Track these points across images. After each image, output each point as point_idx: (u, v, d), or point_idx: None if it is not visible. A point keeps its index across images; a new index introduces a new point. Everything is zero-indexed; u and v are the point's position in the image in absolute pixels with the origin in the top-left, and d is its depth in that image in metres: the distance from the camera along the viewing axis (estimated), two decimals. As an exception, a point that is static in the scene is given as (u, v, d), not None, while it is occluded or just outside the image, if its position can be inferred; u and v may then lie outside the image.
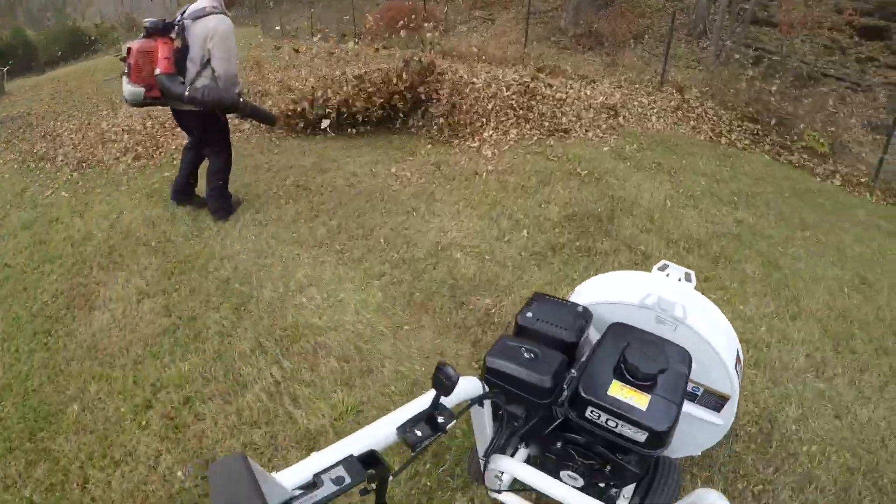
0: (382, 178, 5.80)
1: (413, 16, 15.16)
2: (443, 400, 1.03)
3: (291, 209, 5.14)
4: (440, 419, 1.02)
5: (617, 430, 1.30)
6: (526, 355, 1.39)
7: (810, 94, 9.12)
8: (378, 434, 0.96)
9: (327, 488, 0.80)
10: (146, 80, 4.06)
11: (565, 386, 1.44)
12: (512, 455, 1.63)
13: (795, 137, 7.79)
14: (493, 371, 1.38)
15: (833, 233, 5.44)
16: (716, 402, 1.61)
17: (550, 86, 7.86)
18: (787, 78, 9.34)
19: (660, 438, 1.27)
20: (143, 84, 4.07)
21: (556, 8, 15.98)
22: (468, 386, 1.20)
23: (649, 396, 1.30)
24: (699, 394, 1.61)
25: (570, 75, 10.10)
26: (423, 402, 1.06)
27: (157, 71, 4.01)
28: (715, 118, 8.23)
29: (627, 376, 1.33)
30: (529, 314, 1.54)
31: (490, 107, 7.04)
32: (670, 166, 6.38)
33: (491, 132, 6.82)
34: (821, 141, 7.58)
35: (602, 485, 1.54)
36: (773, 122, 8.07)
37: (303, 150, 6.77)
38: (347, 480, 0.83)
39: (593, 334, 1.62)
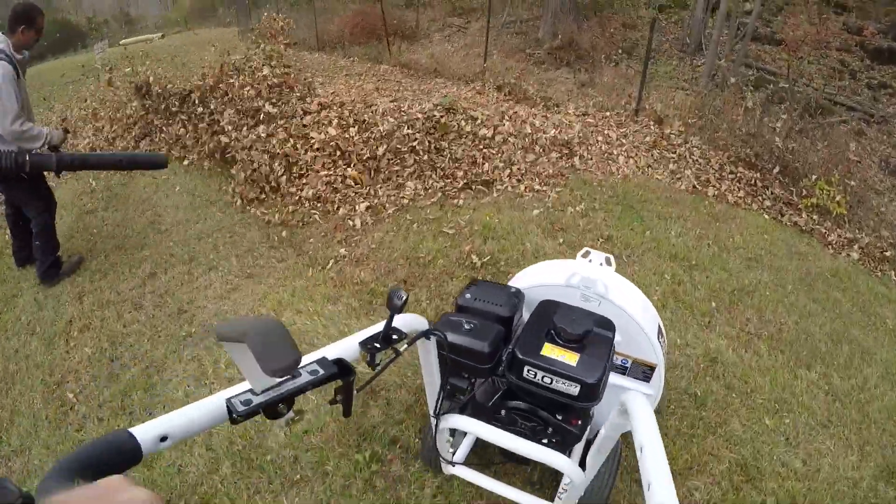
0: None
1: (382, 24, 13.38)
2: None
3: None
4: (394, 337, 1.12)
5: (552, 385, 1.36)
6: (466, 326, 1.43)
7: (823, 132, 7.04)
8: (346, 346, 1.08)
9: (304, 378, 0.90)
10: None
11: (503, 359, 1.48)
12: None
13: (804, 192, 5.76)
14: (439, 342, 1.36)
15: (853, 366, 3.47)
16: (644, 372, 1.66)
17: (473, 119, 5.77)
18: (795, 109, 7.28)
19: (591, 391, 1.33)
20: None
21: (536, 17, 13.96)
22: (416, 322, 1.28)
23: (578, 355, 1.37)
24: (628, 366, 1.65)
25: (531, 96, 8.10)
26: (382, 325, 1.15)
27: None
28: (702, 160, 6.21)
29: (557, 339, 1.40)
30: (468, 295, 1.56)
31: (381, 151, 4.98)
32: (625, 241, 4.39)
33: (377, 188, 4.83)
34: (836, 200, 5.55)
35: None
36: (775, 169, 6.04)
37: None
38: (321, 372, 0.92)
39: (527, 316, 1.63)
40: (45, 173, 3.84)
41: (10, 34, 3.53)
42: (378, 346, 1.10)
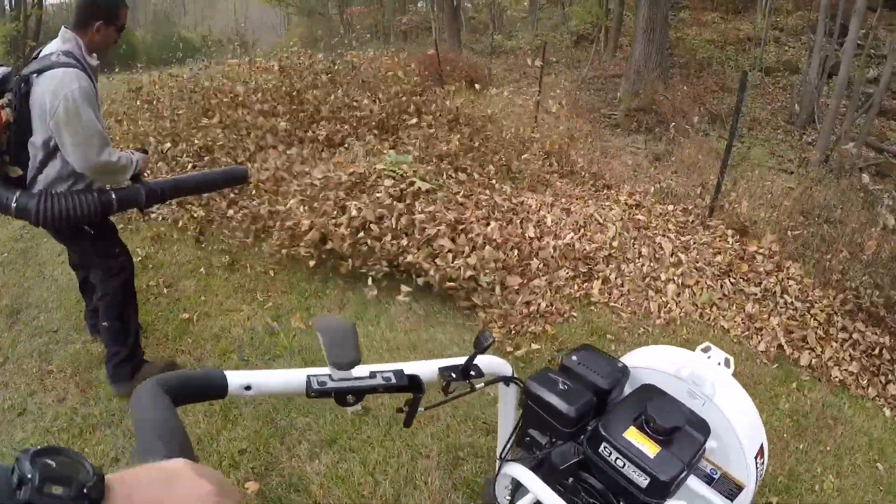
0: None
1: (448, 67, 11.67)
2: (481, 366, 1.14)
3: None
4: (472, 373, 1.11)
5: (623, 470, 1.26)
6: (561, 386, 1.34)
7: None
8: (424, 367, 1.06)
9: (376, 381, 0.94)
10: None
11: (589, 427, 1.37)
12: None
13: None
14: (530, 392, 1.33)
15: None
16: (731, 489, 1.48)
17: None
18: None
19: (661, 487, 1.23)
20: None
21: (620, 74, 11.74)
22: (501, 364, 1.27)
23: (660, 448, 1.25)
24: (716, 477, 1.48)
25: (578, 170, 5.95)
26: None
27: None
28: (799, 303, 3.83)
29: (644, 426, 1.28)
30: (574, 358, 1.46)
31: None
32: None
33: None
34: None
35: None
36: (919, 330, 3.61)
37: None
38: (393, 381, 0.95)
39: (628, 390, 1.51)
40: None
41: (80, 31, 2.43)
42: (454, 376, 1.09)
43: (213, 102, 5.93)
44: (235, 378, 0.88)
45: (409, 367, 1.03)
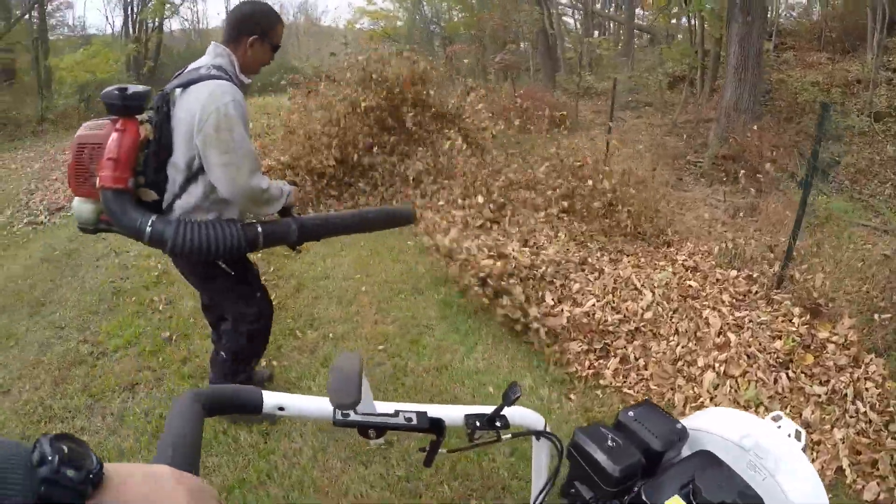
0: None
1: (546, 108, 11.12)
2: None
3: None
4: (498, 424, 1.05)
5: None
6: (609, 442, 1.18)
7: None
8: (450, 412, 1.03)
9: (398, 420, 0.93)
10: (93, 193, 2.16)
11: (635, 490, 1.20)
12: None
13: None
14: (577, 445, 1.18)
15: None
16: None
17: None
18: None
19: None
20: (92, 197, 2.20)
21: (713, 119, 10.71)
22: (533, 418, 1.18)
23: None
24: None
25: (633, 226, 5.20)
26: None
27: (97, 181, 2.09)
28: (879, 414, 2.91)
29: (690, 497, 1.10)
30: (631, 413, 1.27)
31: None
32: None
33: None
34: None
35: None
36: None
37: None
38: (414, 422, 0.93)
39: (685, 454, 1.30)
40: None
41: (232, 46, 2.24)
42: (479, 424, 1.02)
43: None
44: (271, 398, 0.92)
45: (435, 410, 1.01)
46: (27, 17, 18.41)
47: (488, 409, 1.08)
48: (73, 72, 15.26)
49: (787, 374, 3.17)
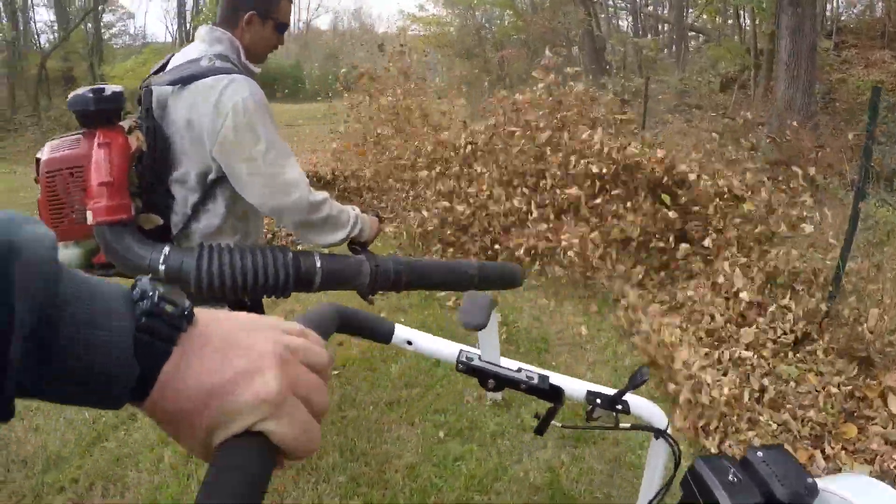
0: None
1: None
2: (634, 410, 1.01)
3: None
4: (619, 407, 0.97)
5: None
6: (730, 477, 0.96)
7: None
8: (571, 383, 0.99)
9: (519, 375, 0.90)
10: (76, 231, 1.64)
11: None
12: None
13: None
14: (695, 473, 0.98)
15: None
16: None
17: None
18: None
19: None
20: (74, 238, 1.66)
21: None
22: (656, 413, 1.04)
23: None
24: None
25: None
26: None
27: (90, 215, 1.56)
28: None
29: None
30: (760, 453, 0.97)
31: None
32: None
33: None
34: None
35: None
36: None
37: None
38: (534, 383, 0.90)
39: None
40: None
41: (230, 27, 1.80)
42: (599, 402, 0.96)
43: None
44: (402, 331, 0.92)
45: (557, 378, 0.97)
46: (84, 27, 18.79)
47: (612, 391, 1.02)
48: (125, 79, 15.43)
49: (821, 452, 2.34)
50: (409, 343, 0.94)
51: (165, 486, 2.48)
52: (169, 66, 1.78)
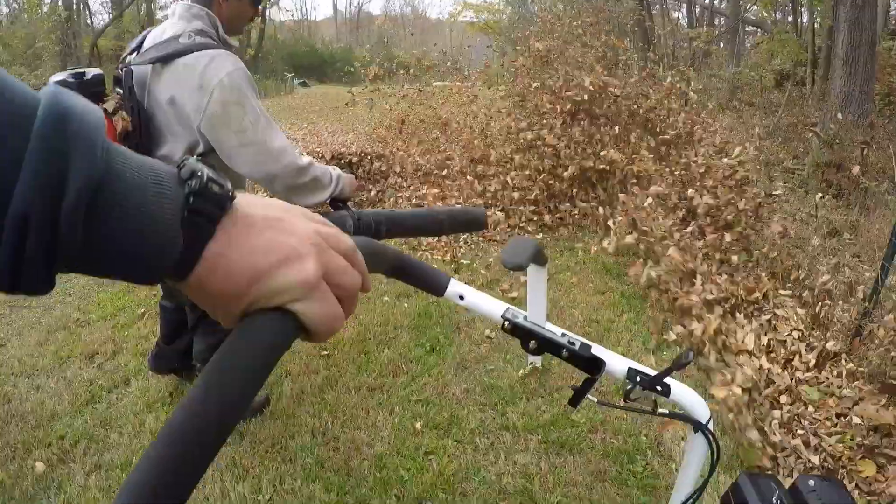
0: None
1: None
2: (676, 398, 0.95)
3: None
4: (659, 389, 0.93)
5: None
6: (775, 500, 0.99)
7: None
8: (614, 358, 0.93)
9: (561, 340, 0.87)
10: None
11: None
12: None
13: None
14: (737, 490, 1.00)
15: None
16: None
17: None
18: None
19: None
20: None
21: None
22: (698, 404, 0.97)
23: None
24: None
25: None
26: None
27: None
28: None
29: None
30: (812, 482, 1.02)
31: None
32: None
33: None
34: None
35: None
36: None
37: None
38: (576, 349, 0.87)
39: None
40: None
41: (206, 2, 1.85)
42: (639, 380, 0.91)
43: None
44: (455, 286, 0.91)
45: (598, 350, 0.91)
46: (137, 7, 19.04)
47: (654, 372, 0.95)
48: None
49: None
50: (462, 297, 0.92)
51: (143, 449, 2.43)
52: (145, 45, 1.83)
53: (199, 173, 0.40)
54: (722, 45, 17.25)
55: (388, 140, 7.44)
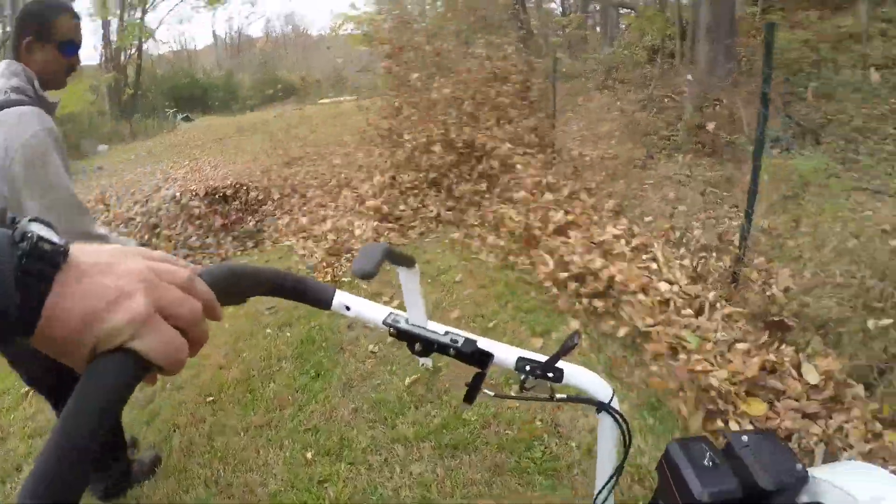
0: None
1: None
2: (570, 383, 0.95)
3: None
4: (551, 375, 0.90)
5: None
6: (706, 462, 1.00)
7: None
8: (502, 349, 0.91)
9: (444, 338, 0.86)
10: None
11: None
12: None
13: None
14: (668, 456, 1.02)
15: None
16: None
17: None
18: None
19: None
20: None
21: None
22: (597, 384, 0.95)
23: None
24: None
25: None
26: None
27: None
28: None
29: None
30: (745, 438, 1.05)
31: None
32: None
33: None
34: None
35: None
36: None
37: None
38: (459, 345, 0.85)
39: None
40: None
41: (19, 57, 1.78)
42: (529, 370, 0.89)
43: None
44: (341, 297, 0.89)
45: (486, 344, 0.89)
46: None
47: (544, 358, 0.93)
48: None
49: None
50: (348, 308, 0.91)
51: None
52: None
53: (30, 234, 0.41)
54: (598, 29, 17.93)
55: (272, 168, 7.32)
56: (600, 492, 1.10)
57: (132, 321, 0.43)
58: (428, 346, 0.88)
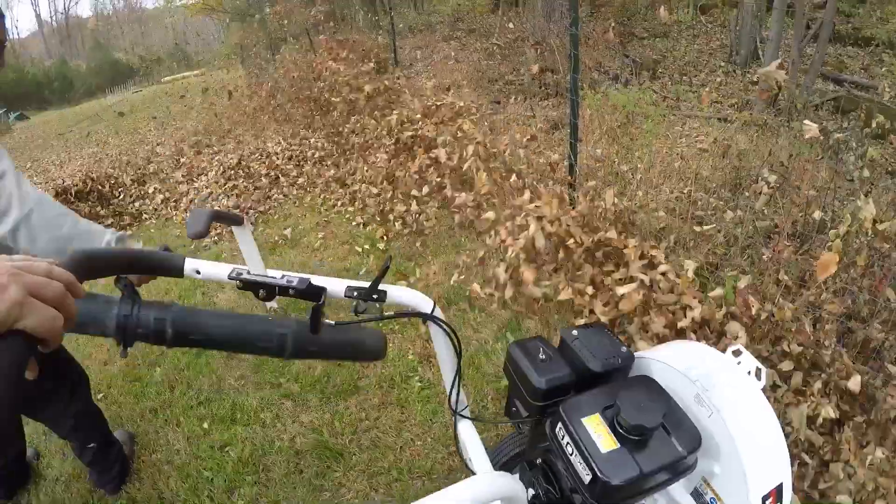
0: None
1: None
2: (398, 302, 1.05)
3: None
4: (375, 297, 1.00)
5: (571, 457, 1.01)
6: (541, 356, 1.14)
7: None
8: (332, 283, 1.01)
9: (281, 281, 0.94)
10: None
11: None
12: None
13: None
14: (511, 357, 1.15)
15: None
16: None
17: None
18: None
19: (604, 490, 0.96)
20: None
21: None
22: (418, 299, 1.07)
23: (619, 446, 0.98)
24: None
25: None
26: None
27: None
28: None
29: (613, 419, 1.02)
30: (575, 332, 1.19)
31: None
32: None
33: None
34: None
35: None
36: None
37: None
38: (294, 284, 0.93)
39: None
40: None
41: None
42: (356, 295, 1.00)
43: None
44: (191, 263, 0.97)
45: (319, 280, 0.99)
46: None
47: (367, 285, 1.03)
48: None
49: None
50: (198, 272, 0.99)
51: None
52: None
53: None
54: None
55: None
56: (449, 394, 1.21)
57: (13, 306, 0.50)
58: (270, 290, 0.96)
